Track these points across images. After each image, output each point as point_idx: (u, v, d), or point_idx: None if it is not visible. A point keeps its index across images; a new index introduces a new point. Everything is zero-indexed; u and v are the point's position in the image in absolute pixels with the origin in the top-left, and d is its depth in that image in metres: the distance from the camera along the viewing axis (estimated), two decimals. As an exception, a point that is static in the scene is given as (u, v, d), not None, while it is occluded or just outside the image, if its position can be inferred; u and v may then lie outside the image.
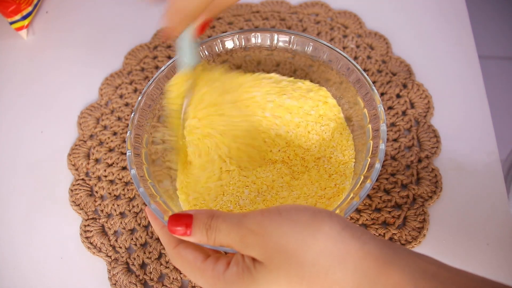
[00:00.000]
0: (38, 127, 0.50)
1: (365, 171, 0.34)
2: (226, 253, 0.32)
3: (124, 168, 0.45)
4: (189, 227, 0.28)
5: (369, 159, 0.35)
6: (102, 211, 0.43)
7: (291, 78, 0.43)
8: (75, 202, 0.43)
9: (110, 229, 0.42)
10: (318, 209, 0.26)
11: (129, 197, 0.43)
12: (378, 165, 0.33)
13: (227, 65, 0.44)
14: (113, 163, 0.46)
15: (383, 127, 0.35)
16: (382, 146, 0.34)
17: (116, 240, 0.41)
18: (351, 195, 0.33)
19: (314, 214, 0.25)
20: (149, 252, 0.40)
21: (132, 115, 0.38)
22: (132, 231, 0.42)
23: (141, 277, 0.39)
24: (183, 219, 0.28)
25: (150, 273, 0.39)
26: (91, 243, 0.41)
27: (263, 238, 0.25)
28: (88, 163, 0.46)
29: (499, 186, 0.41)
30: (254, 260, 0.25)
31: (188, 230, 0.28)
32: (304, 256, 0.24)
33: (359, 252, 0.23)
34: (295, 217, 0.25)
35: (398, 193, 0.41)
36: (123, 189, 0.44)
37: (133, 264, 0.40)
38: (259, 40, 0.43)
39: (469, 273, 0.23)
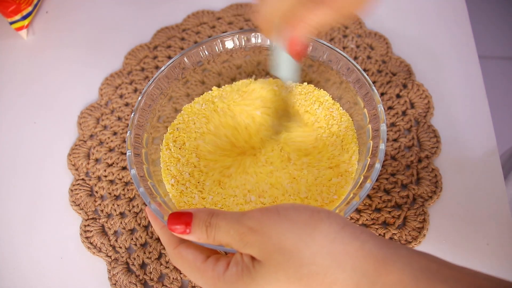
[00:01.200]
0: (38, 127, 0.50)
1: (365, 171, 0.34)
2: (226, 253, 0.32)
3: (124, 168, 0.45)
4: (188, 225, 0.28)
5: (369, 159, 0.35)
6: (102, 211, 0.43)
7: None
8: (75, 202, 0.43)
9: (110, 229, 0.42)
10: (317, 208, 0.26)
11: (129, 197, 0.43)
12: (378, 165, 0.33)
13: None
14: (113, 163, 0.46)
15: (383, 127, 0.35)
16: (382, 146, 0.34)
17: (116, 240, 0.41)
18: (351, 195, 0.33)
19: (313, 213, 0.25)
20: (149, 252, 0.40)
21: (132, 115, 0.38)
22: (132, 231, 0.42)
23: (141, 277, 0.39)
24: (182, 217, 0.28)
25: (150, 273, 0.39)
26: (91, 243, 0.41)
27: (261, 237, 0.25)
28: (88, 163, 0.46)
29: (499, 186, 0.41)
30: (253, 259, 0.25)
31: (188, 228, 0.28)
32: (302, 255, 0.24)
33: (358, 252, 0.23)
34: (294, 216, 0.25)
35: (398, 193, 0.41)
36: (123, 189, 0.44)
37: (133, 264, 0.40)
38: (259, 40, 0.43)
39: (472, 270, 0.23)
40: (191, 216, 0.28)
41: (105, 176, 0.45)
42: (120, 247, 0.41)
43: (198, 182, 0.38)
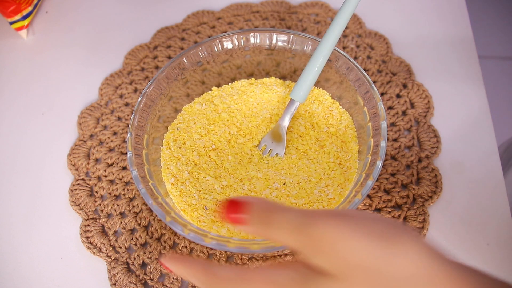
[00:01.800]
0: (38, 127, 0.50)
1: (366, 169, 0.34)
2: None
3: (124, 168, 0.45)
4: (246, 215, 0.24)
5: (370, 157, 0.35)
6: (102, 211, 0.43)
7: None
8: (75, 202, 0.43)
9: (110, 229, 0.42)
10: (388, 219, 0.23)
11: (129, 197, 0.43)
12: (379, 163, 0.33)
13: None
14: (113, 163, 0.46)
15: (384, 125, 0.35)
16: (382, 143, 0.34)
17: (116, 240, 0.41)
18: (353, 193, 0.33)
19: (388, 225, 0.22)
20: (149, 252, 0.40)
21: (132, 116, 0.38)
22: (132, 231, 0.42)
23: (141, 277, 0.39)
24: (240, 208, 0.25)
25: (150, 273, 0.39)
26: (91, 243, 0.41)
27: (332, 251, 0.22)
28: (88, 163, 0.46)
29: (499, 186, 0.41)
30: (320, 270, 0.23)
31: (245, 219, 0.25)
32: (387, 274, 0.21)
33: (450, 276, 0.21)
34: (368, 226, 0.22)
35: (398, 193, 0.41)
36: (123, 189, 0.44)
37: (133, 264, 0.40)
38: (258, 40, 0.43)
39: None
40: (249, 207, 0.25)
41: (105, 176, 0.45)
42: (120, 247, 0.41)
43: (198, 180, 0.38)
